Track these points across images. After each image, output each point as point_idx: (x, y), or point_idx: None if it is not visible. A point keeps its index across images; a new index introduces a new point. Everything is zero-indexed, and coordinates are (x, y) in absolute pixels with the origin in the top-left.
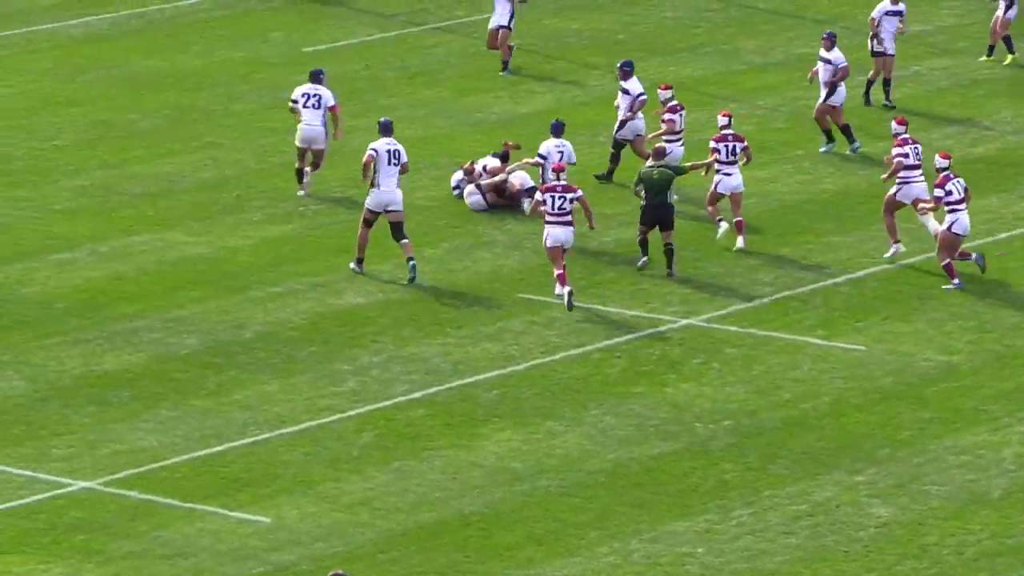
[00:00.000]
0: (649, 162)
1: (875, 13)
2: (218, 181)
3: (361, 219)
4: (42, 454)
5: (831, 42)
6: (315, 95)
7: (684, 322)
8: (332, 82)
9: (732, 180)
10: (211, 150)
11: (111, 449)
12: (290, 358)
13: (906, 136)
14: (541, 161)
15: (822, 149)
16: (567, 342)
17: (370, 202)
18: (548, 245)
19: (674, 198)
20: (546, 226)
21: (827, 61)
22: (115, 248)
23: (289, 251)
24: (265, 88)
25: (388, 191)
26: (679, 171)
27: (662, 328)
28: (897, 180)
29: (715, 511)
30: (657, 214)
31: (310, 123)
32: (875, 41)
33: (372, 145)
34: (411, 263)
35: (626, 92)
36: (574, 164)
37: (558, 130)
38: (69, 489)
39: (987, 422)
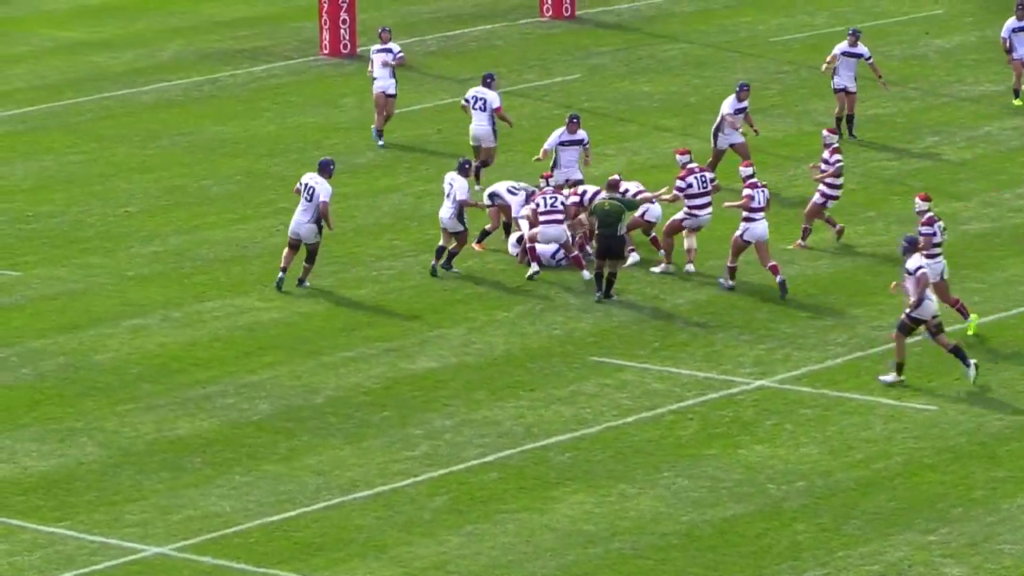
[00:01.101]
0: (603, 194)
1: (836, 50)
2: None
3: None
4: (115, 520)
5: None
6: (481, 98)
7: (757, 383)
8: (403, 147)
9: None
10: (283, 215)
11: (184, 515)
12: (362, 423)
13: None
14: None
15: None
16: (639, 404)
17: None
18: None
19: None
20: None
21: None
22: (188, 314)
23: (361, 316)
24: (337, 153)
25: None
26: (631, 205)
27: (735, 390)
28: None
29: (788, 572)
30: (608, 244)
31: (478, 123)
32: (836, 77)
33: None
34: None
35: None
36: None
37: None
38: (143, 555)
39: None
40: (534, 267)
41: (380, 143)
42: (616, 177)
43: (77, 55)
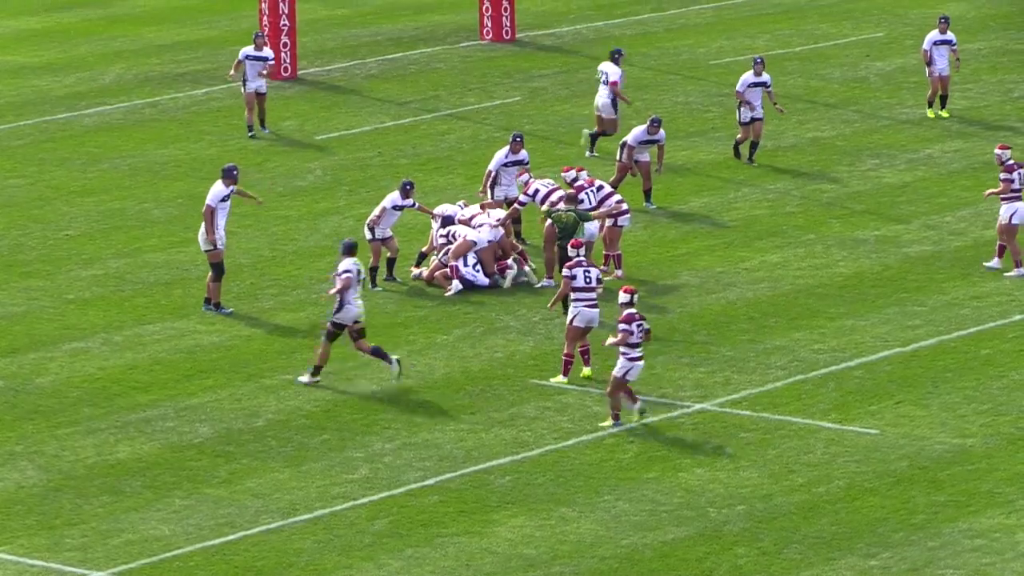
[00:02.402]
0: (563, 204)
1: (740, 87)
2: (231, 269)
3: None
4: (55, 544)
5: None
6: (604, 71)
7: (698, 406)
8: (345, 168)
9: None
10: (224, 238)
11: (124, 538)
12: (302, 446)
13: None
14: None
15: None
16: (580, 427)
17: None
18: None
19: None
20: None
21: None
22: (128, 337)
23: (301, 339)
24: (278, 176)
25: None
26: (584, 216)
27: (675, 413)
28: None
29: None
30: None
31: (600, 95)
32: (743, 110)
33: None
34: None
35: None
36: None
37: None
38: None
39: (1002, 505)
40: (456, 285)
41: (251, 134)
42: (573, 191)
43: (19, 79)
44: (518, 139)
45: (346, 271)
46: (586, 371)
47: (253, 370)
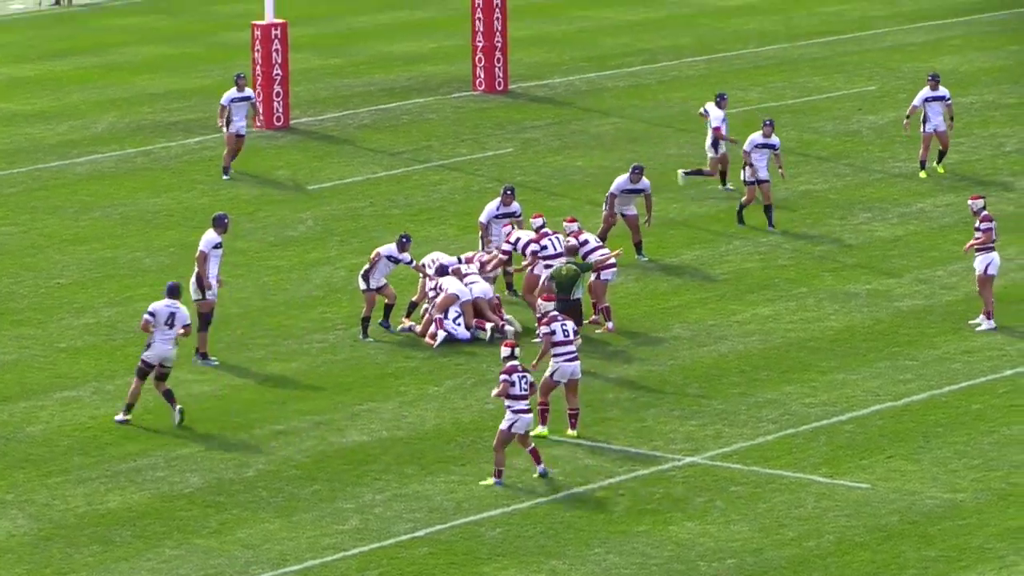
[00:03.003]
0: (562, 258)
1: (747, 146)
2: (222, 319)
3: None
4: None
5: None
6: (706, 111)
7: (688, 460)
8: (336, 218)
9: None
10: (216, 289)
11: None
12: (293, 496)
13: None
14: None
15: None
16: (571, 480)
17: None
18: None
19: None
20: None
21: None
22: (119, 386)
23: (292, 389)
24: (269, 226)
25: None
26: (585, 267)
27: (666, 466)
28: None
29: None
30: (565, 308)
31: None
32: (748, 170)
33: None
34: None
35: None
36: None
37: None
38: None
39: (992, 560)
40: (441, 335)
41: (226, 176)
42: (574, 243)
43: (11, 126)
44: (509, 191)
45: (147, 313)
46: (571, 432)
47: (243, 420)
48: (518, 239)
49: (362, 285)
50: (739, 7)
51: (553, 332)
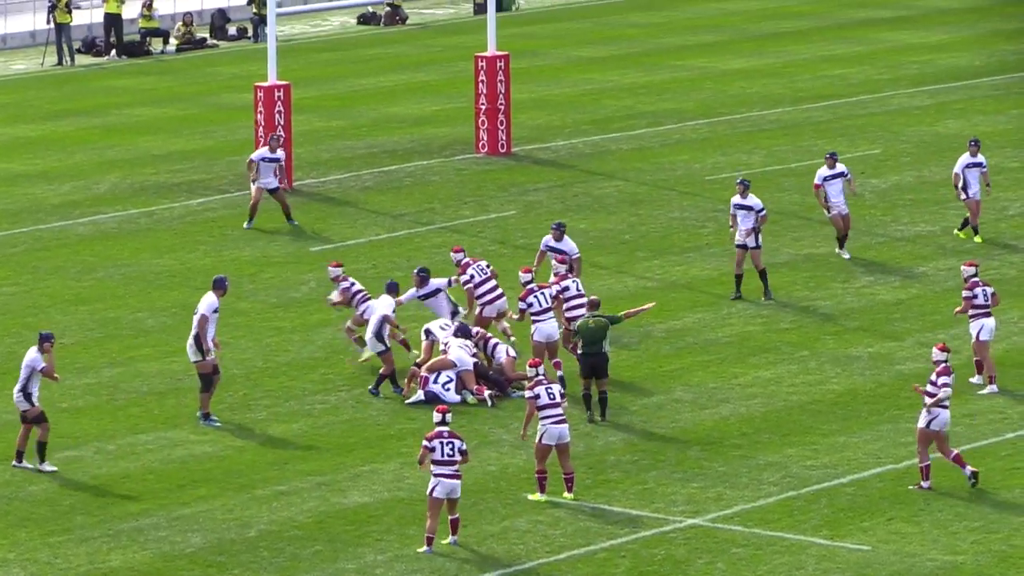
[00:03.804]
0: (586, 312)
1: (731, 209)
2: (224, 380)
3: None
4: None
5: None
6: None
7: (689, 522)
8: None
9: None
10: (214, 351)
11: None
12: (294, 557)
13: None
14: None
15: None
16: (572, 542)
17: None
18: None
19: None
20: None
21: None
22: (121, 446)
23: (294, 449)
24: (272, 287)
25: None
26: (614, 320)
27: (667, 528)
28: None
29: None
30: (592, 362)
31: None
32: (755, 236)
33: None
34: None
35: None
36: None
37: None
38: None
39: None
40: (419, 395)
41: (247, 226)
42: (596, 298)
43: (14, 186)
44: (558, 228)
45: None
46: (567, 496)
47: (245, 480)
48: (471, 276)
49: (380, 347)
50: (742, 70)
51: (538, 396)
